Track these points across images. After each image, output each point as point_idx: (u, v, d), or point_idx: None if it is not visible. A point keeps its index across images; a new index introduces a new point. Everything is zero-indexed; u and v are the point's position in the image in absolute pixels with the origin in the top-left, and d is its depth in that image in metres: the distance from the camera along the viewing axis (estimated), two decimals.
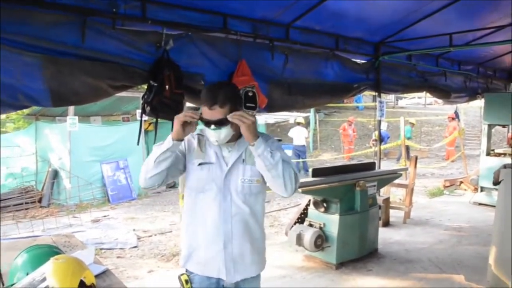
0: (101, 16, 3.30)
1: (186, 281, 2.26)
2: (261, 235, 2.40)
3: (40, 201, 10.02)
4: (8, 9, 2.85)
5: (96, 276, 2.32)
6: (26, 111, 12.02)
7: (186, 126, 2.14)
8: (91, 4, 3.24)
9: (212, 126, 2.11)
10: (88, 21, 3.16)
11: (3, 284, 2.12)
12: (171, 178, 2.29)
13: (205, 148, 2.28)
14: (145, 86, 3.60)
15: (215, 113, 2.11)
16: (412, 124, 17.13)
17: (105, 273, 2.43)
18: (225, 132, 2.14)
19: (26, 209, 9.41)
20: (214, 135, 2.14)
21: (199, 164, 2.25)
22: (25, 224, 8.02)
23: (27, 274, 1.95)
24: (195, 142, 2.29)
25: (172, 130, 2.18)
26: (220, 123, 2.11)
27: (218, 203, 2.22)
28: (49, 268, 1.85)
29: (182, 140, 2.18)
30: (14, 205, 9.47)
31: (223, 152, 2.27)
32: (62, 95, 3.14)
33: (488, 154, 8.56)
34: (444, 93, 7.86)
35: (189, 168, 2.29)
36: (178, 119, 2.11)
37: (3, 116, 13.99)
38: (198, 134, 2.32)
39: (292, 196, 2.28)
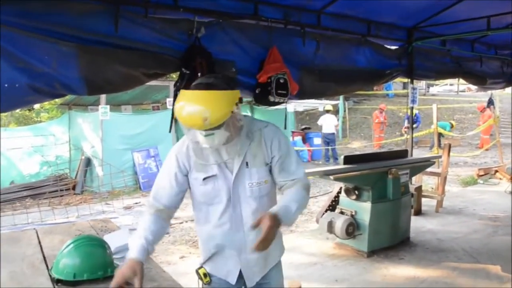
0: (133, 4, 3.34)
1: (205, 275, 2.21)
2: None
3: (74, 188, 10.28)
4: (44, 0, 2.91)
5: None
6: (58, 100, 12.35)
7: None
8: None
9: (204, 132, 1.86)
10: (121, 10, 3.20)
11: (47, 268, 2.18)
12: (181, 199, 2.14)
13: (203, 155, 2.05)
14: (175, 75, 3.62)
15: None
16: (452, 125, 16.65)
17: None
18: (219, 136, 1.89)
19: (61, 196, 9.68)
20: (207, 141, 1.90)
21: (204, 179, 2.07)
22: (60, 210, 8.26)
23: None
24: (192, 154, 2.06)
25: None
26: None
27: (228, 214, 2.09)
28: None
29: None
30: (50, 192, 9.76)
31: (223, 156, 2.04)
32: (97, 84, 3.21)
33: None
34: (480, 79, 7.61)
35: (193, 184, 2.11)
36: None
37: (38, 105, 14.46)
38: (190, 140, 2.02)
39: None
